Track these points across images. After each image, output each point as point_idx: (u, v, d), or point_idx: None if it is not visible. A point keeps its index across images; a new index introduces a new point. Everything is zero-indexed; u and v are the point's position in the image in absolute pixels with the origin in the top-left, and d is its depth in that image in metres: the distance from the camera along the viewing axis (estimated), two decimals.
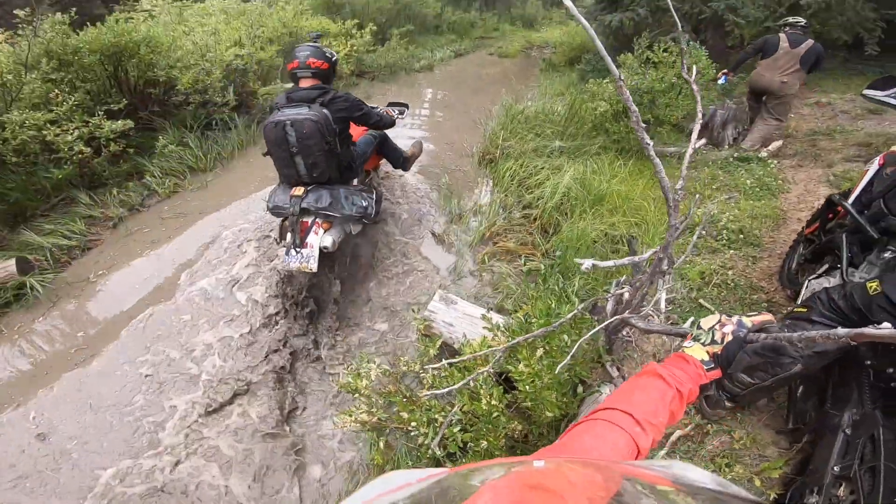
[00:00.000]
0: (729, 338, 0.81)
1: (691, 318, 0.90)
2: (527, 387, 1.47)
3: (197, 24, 6.14)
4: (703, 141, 4.45)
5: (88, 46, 4.07)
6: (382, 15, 8.98)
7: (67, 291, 2.97)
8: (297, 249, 2.28)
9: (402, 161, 3.25)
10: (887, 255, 1.65)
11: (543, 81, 6.89)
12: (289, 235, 2.29)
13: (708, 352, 0.81)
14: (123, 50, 4.33)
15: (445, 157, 4.60)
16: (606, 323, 1.15)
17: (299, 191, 2.28)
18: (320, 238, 2.30)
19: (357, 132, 2.77)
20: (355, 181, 2.56)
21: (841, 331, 0.67)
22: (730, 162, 4.07)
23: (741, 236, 3.06)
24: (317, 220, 2.32)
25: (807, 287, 2.00)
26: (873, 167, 1.98)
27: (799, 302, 1.92)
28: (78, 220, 3.49)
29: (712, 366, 0.79)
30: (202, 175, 4.35)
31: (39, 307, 2.85)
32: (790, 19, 4.18)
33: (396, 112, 3.15)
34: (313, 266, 2.25)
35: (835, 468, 1.35)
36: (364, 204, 2.37)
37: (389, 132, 3.07)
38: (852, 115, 4.96)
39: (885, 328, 0.63)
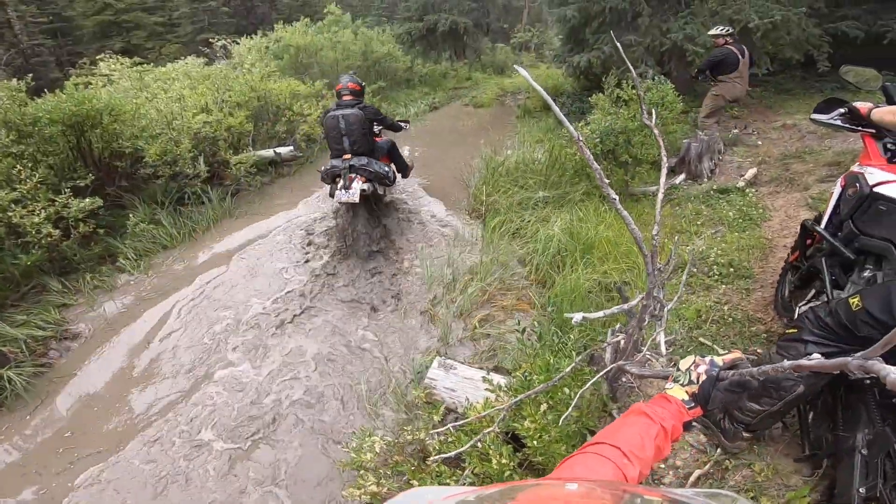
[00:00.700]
0: (703, 377, 0.96)
1: (690, 357, 1.06)
2: (535, 442, 1.59)
3: (160, 90, 6.33)
4: (682, 176, 4.87)
5: (49, 116, 4.12)
6: (352, 73, 9.64)
7: (52, 388, 3.01)
8: (345, 191, 3.75)
9: (404, 168, 4.72)
10: (866, 273, 1.83)
11: (521, 129, 7.46)
12: (340, 182, 3.79)
13: (687, 391, 0.95)
14: (85, 119, 4.39)
15: (431, 226, 4.84)
16: (604, 372, 1.31)
17: (348, 157, 3.85)
18: (360, 185, 3.80)
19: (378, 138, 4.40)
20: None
21: (786, 363, 0.86)
22: (711, 195, 4.44)
23: (732, 270, 3.32)
24: (358, 174, 3.83)
25: (798, 313, 2.17)
26: (837, 189, 2.13)
27: (789, 324, 2.08)
28: (52, 310, 3.56)
29: (693, 404, 0.93)
30: (174, 251, 4.49)
31: (23, 405, 2.89)
32: (721, 30, 5.08)
33: (404, 124, 4.69)
34: (356, 199, 3.74)
35: (860, 490, 1.43)
36: (387, 169, 4.07)
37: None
38: (819, 136, 5.48)
39: (815, 358, 0.82)
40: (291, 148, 6.64)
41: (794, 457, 1.93)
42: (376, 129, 4.21)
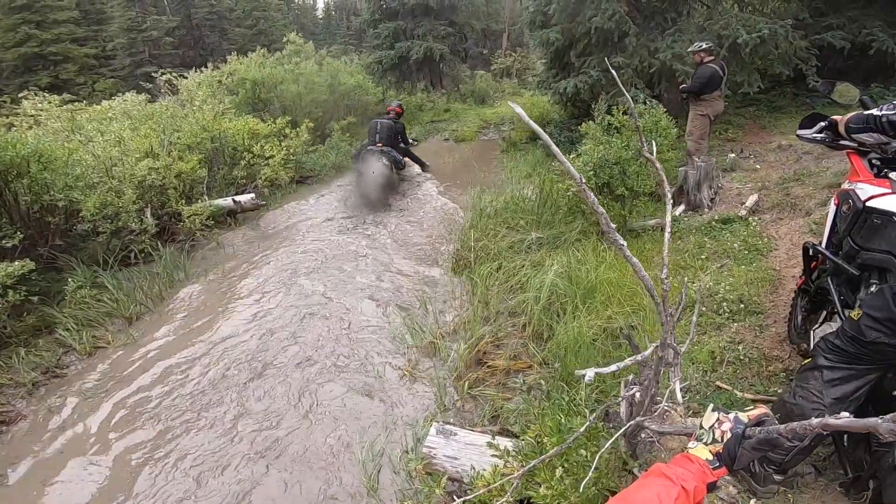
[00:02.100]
0: (728, 435, 1.05)
1: (710, 405, 1.20)
2: None
3: (95, 132, 6.29)
4: (682, 207, 5.22)
5: None
6: (318, 108, 10.00)
7: None
8: (373, 171, 6.72)
9: (422, 165, 8.36)
10: (873, 288, 2.03)
11: (507, 164, 7.86)
12: (375, 155, 6.83)
13: (711, 450, 1.05)
14: (10, 167, 4.31)
15: (413, 275, 5.02)
16: (622, 431, 1.45)
17: (379, 146, 6.94)
18: (383, 163, 6.75)
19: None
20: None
21: (814, 421, 0.98)
22: (713, 226, 4.77)
23: (742, 306, 3.56)
24: (383, 157, 6.79)
25: (813, 337, 2.39)
26: (832, 208, 2.41)
27: (808, 352, 2.31)
28: None
29: (717, 464, 1.03)
30: (127, 323, 4.46)
31: None
32: (703, 45, 5.73)
33: (413, 142, 8.46)
34: (381, 171, 6.72)
35: None
36: (400, 157, 7.25)
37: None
38: (815, 156, 5.96)
39: (844, 417, 0.95)
40: (252, 196, 6.71)
41: (839, 481, 2.09)
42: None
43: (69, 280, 4.52)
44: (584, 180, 1.35)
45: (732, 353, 3.13)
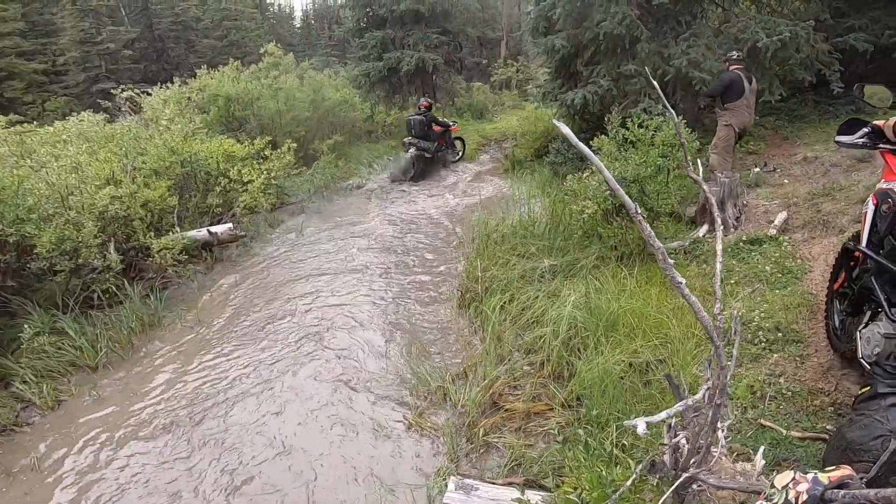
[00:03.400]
0: (804, 497, 1.05)
1: (761, 448, 1.21)
2: None
3: (49, 157, 6.19)
4: (706, 227, 5.33)
5: None
6: (300, 126, 10.11)
7: None
8: (408, 151, 10.25)
9: (452, 146, 11.44)
10: None
11: (512, 185, 7.94)
12: (408, 146, 10.18)
13: None
14: None
15: (415, 309, 5.04)
16: (675, 485, 1.48)
17: (414, 140, 10.11)
18: (414, 150, 10.11)
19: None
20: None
21: None
22: (741, 248, 4.87)
23: (780, 334, 3.63)
24: (419, 144, 10.08)
25: (860, 338, 2.56)
26: (870, 208, 2.67)
27: (859, 358, 2.52)
28: None
29: None
30: (93, 374, 4.41)
31: None
32: (735, 54, 6.06)
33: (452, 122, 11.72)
34: (414, 153, 10.10)
35: None
36: (433, 146, 10.38)
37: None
38: (844, 168, 6.15)
39: None
40: (230, 226, 6.66)
41: None
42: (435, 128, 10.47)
43: (24, 326, 4.46)
44: (638, 210, 1.40)
45: (773, 386, 3.18)
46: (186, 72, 12.67)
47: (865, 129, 2.55)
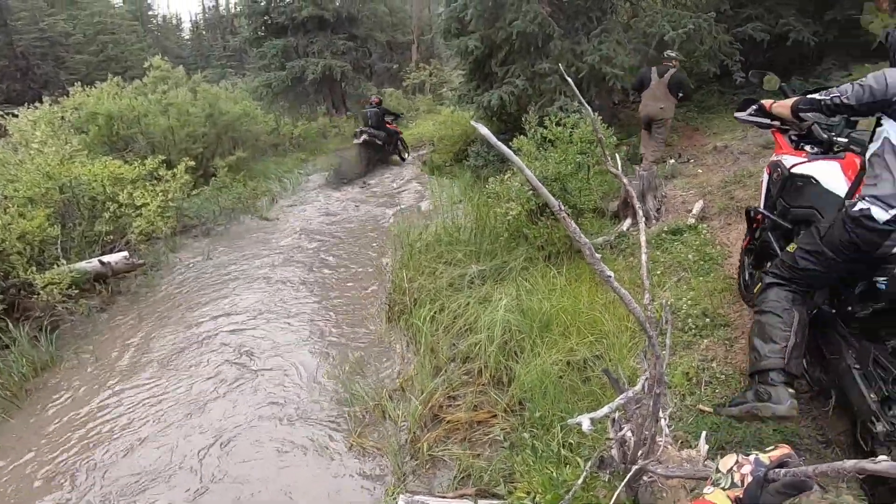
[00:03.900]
0: (749, 479, 1.07)
1: (703, 434, 1.24)
2: None
3: None
4: (629, 221, 5.57)
5: None
6: (196, 143, 9.72)
7: None
8: (360, 138, 11.46)
9: (403, 149, 12.98)
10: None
11: (433, 192, 7.97)
12: (360, 134, 11.47)
13: (729, 496, 1.07)
14: None
15: (344, 326, 4.93)
16: (627, 479, 1.48)
17: (366, 128, 11.52)
18: (368, 135, 11.39)
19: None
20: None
21: (847, 464, 1.04)
22: (663, 238, 5.13)
23: (708, 320, 3.83)
24: (370, 131, 11.43)
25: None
26: (765, 177, 3.32)
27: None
28: None
29: None
30: None
31: None
32: (671, 53, 6.68)
33: (394, 119, 12.82)
34: (366, 139, 11.34)
35: (871, 395, 2.14)
36: (384, 133, 11.84)
37: None
38: (751, 155, 6.69)
39: (882, 460, 0.99)
40: (125, 255, 6.36)
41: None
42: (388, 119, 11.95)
43: None
44: (563, 207, 1.40)
45: (707, 371, 3.33)
46: (57, 90, 11.81)
47: (754, 107, 3.06)
